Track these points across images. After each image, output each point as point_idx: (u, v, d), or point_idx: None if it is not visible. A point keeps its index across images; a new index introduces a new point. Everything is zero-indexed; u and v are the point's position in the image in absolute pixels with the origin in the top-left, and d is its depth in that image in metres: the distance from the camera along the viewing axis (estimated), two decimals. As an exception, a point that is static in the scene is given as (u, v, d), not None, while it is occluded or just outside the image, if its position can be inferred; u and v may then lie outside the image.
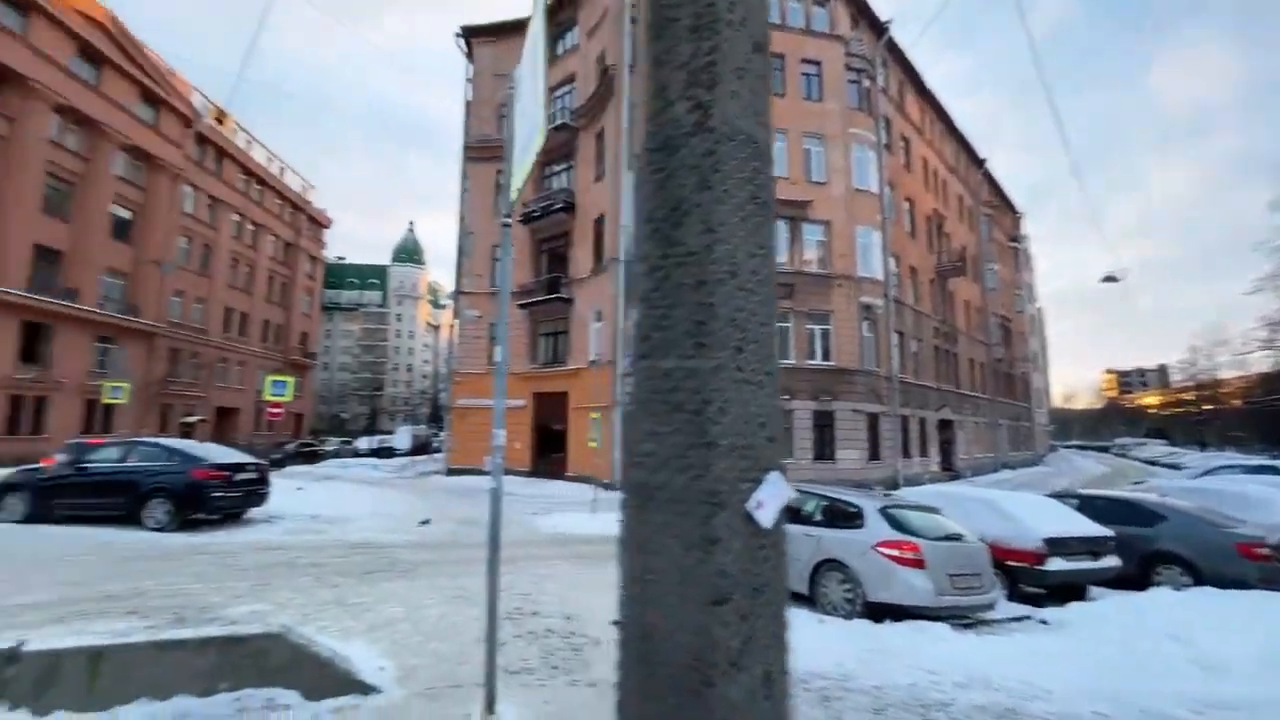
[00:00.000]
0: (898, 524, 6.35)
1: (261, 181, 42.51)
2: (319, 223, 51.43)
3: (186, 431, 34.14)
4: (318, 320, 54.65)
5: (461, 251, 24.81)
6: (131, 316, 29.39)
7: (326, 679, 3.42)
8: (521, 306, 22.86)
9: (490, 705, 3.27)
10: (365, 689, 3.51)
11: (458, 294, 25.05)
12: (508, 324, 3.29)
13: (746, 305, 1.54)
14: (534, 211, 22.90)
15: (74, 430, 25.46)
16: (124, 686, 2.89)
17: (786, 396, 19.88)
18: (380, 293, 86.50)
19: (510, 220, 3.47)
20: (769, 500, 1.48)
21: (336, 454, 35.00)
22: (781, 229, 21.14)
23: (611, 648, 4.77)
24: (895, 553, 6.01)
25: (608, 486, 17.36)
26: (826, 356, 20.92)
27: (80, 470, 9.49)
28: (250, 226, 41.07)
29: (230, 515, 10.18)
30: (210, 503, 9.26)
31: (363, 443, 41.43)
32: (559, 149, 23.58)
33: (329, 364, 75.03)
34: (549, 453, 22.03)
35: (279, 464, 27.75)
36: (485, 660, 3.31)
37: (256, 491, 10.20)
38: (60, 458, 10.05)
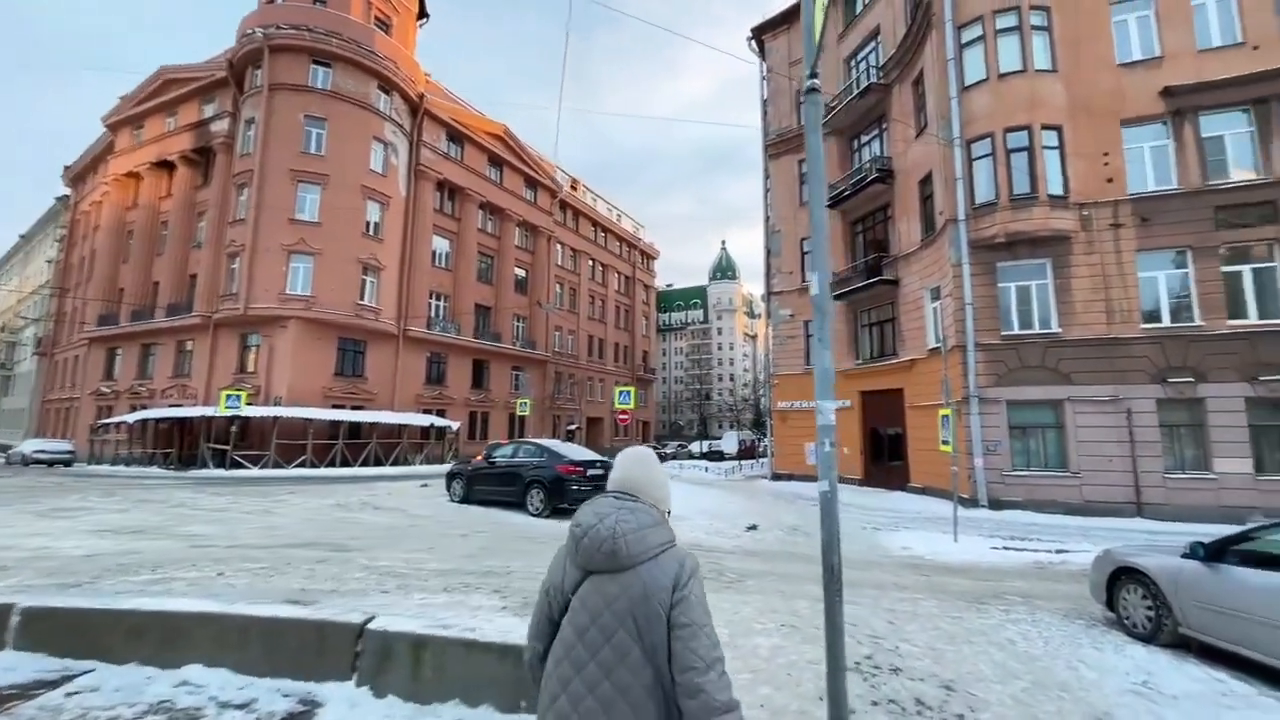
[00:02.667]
0: None
1: (605, 229, 51.10)
2: (649, 255, 58.95)
3: (569, 436, 42.85)
4: (654, 340, 62.47)
5: (769, 251, 24.30)
6: (530, 350, 38.50)
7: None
8: (838, 297, 20.85)
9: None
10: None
11: (769, 295, 24.57)
12: (827, 307, 2.08)
13: None
14: (843, 191, 20.73)
15: (502, 435, 34.54)
16: (441, 682, 2.72)
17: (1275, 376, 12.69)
18: (702, 311, 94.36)
19: (817, 82, 2.28)
20: None
21: (674, 456, 38.62)
22: (1230, 123, 13.95)
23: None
24: None
25: (968, 502, 13.92)
26: (1369, 306, 12.62)
27: (491, 464, 12.10)
28: (600, 268, 49.67)
29: (587, 507, 11.48)
30: (570, 494, 10.58)
31: (695, 447, 44.90)
32: (865, 116, 20.94)
33: (666, 378, 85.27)
34: (884, 459, 19.29)
35: (630, 464, 32.15)
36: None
37: (604, 486, 11.24)
38: (484, 455, 13.09)
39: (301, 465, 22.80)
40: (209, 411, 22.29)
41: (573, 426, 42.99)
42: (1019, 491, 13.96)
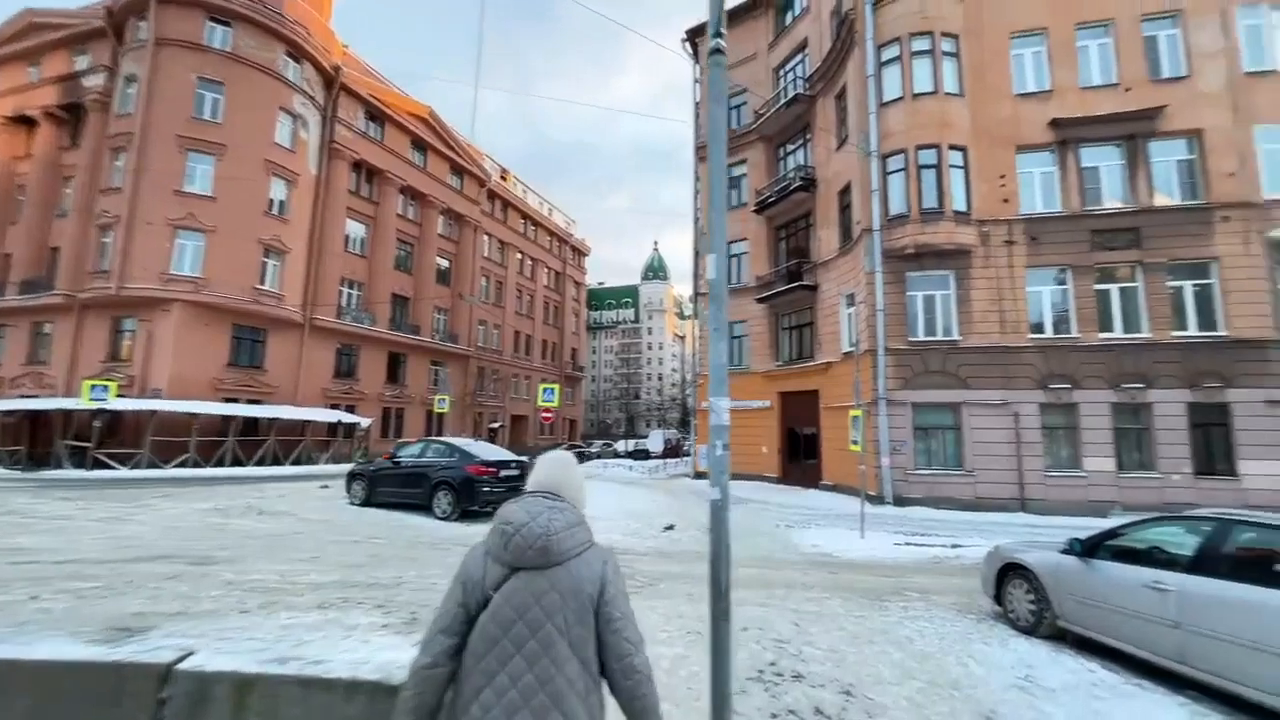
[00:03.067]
0: None
1: (536, 222, 49.95)
2: (580, 251, 58.27)
3: (492, 435, 41.48)
4: (584, 337, 61.84)
5: (697, 252, 24.55)
6: (451, 344, 36.90)
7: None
8: (760, 300, 21.37)
9: None
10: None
11: (696, 295, 24.82)
12: (723, 293, 1.83)
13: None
14: (768, 197, 21.27)
15: (420, 433, 32.85)
16: (269, 727, 2.27)
17: (1139, 385, 14.18)
18: (633, 310, 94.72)
19: (722, 44, 2.06)
20: None
21: (599, 455, 38.31)
22: (1105, 156, 15.47)
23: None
24: None
25: (875, 499, 14.59)
26: (1208, 325, 14.36)
27: (396, 464, 11.28)
28: (529, 262, 48.49)
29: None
30: (479, 496, 10.03)
31: (620, 445, 44.82)
32: (792, 125, 21.58)
33: (595, 376, 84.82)
34: (800, 458, 19.96)
35: (554, 463, 31.46)
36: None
37: (518, 488, 10.79)
38: (389, 454, 12.20)
39: (184, 465, 20.52)
40: (69, 404, 19.58)
41: (495, 424, 41.68)
42: (920, 489, 14.80)
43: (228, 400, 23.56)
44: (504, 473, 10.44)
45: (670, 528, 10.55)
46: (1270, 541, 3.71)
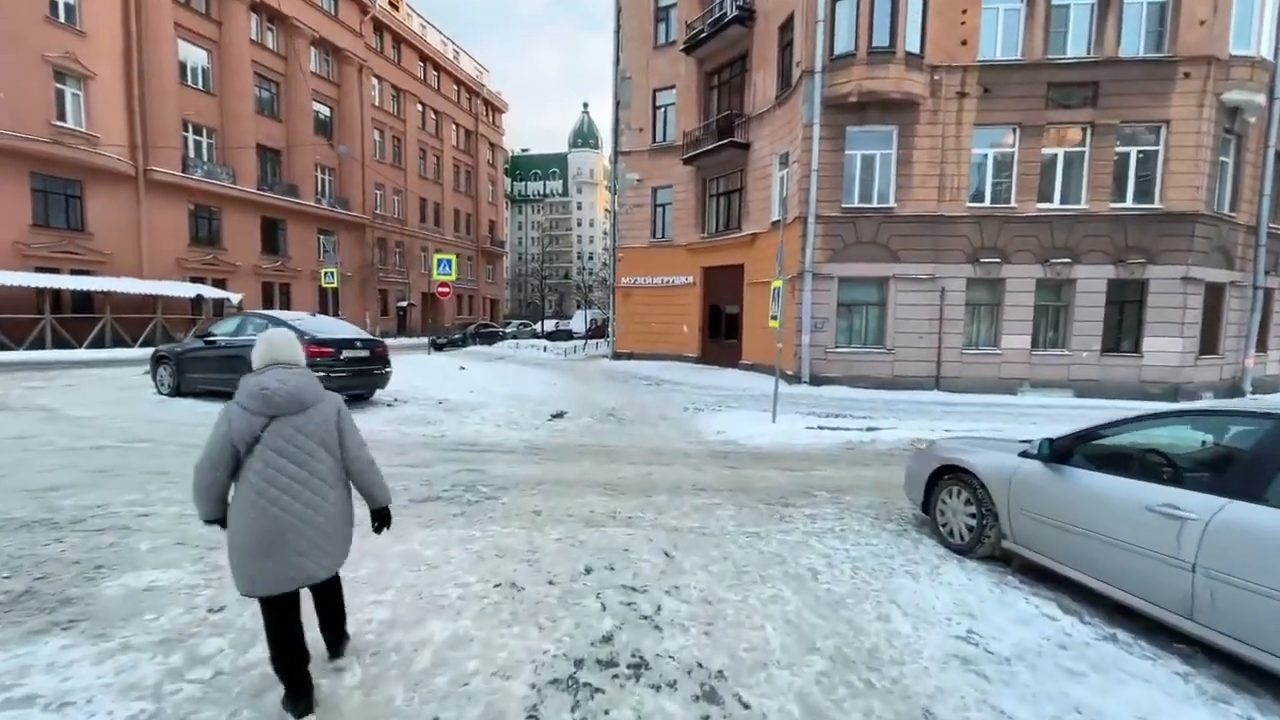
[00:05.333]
0: None
1: (439, 67, 42.57)
2: (496, 108, 51.29)
3: (401, 314, 38.19)
4: (502, 208, 56.67)
5: (618, 103, 21.11)
6: (342, 209, 32.06)
7: None
8: (687, 161, 18.83)
9: None
10: None
11: (616, 155, 21.79)
12: None
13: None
14: (700, 32, 17.90)
15: (311, 310, 29.21)
16: None
17: (1066, 260, 13.52)
18: (561, 181, 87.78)
19: None
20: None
21: (514, 335, 36.29)
22: (1075, -1, 13.45)
23: None
24: None
25: (792, 379, 13.78)
26: (1145, 196, 13.59)
27: (210, 344, 8.87)
28: (432, 115, 41.93)
29: (356, 397, 9.03)
30: (312, 382, 8.00)
31: (540, 326, 42.86)
32: (732, -62, 17.68)
33: (522, 254, 79.94)
34: (721, 337, 18.90)
35: (459, 344, 29.19)
36: None
37: (372, 372, 8.80)
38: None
39: (-17, 347, 16.78)
40: None
41: (404, 303, 38.25)
42: (838, 368, 14.07)
43: (41, 269, 19.18)
44: (346, 353, 8.33)
45: (559, 415, 9.08)
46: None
